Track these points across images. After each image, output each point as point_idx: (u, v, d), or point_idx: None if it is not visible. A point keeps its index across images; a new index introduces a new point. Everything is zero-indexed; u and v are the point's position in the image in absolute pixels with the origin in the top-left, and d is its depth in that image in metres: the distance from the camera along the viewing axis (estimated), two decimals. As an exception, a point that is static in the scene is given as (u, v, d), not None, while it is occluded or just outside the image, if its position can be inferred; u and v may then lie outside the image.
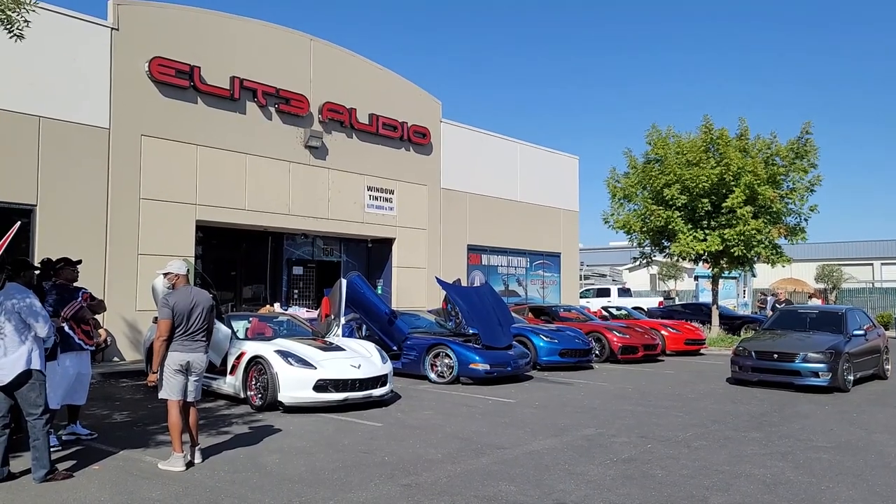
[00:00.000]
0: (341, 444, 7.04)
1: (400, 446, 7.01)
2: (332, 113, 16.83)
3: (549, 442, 7.36)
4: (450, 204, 20.15)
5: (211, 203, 14.66)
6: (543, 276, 23.74)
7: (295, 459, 6.39)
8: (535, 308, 17.54)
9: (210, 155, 14.65)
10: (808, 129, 18.58)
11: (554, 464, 6.43)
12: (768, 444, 7.46)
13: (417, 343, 11.90)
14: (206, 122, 14.57)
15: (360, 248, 19.29)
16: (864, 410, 9.73)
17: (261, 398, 8.68)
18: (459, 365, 11.30)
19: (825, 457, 6.90)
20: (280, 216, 15.94)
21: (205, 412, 8.70)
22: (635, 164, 20.22)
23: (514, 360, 11.72)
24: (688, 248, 18.70)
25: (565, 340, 13.71)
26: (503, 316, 12.42)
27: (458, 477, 5.92)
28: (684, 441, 7.49)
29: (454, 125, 20.52)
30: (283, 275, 17.53)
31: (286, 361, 8.62)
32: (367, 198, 17.86)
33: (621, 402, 10.02)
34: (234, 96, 14.89)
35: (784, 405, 10.01)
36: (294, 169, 16.19)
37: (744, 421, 8.74)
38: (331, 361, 8.87)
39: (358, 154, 17.57)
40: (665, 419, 8.76)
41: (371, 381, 9.00)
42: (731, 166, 17.86)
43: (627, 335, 15.27)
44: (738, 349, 12.06)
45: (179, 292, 6.12)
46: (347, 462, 6.34)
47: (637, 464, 6.47)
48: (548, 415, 8.95)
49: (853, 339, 11.86)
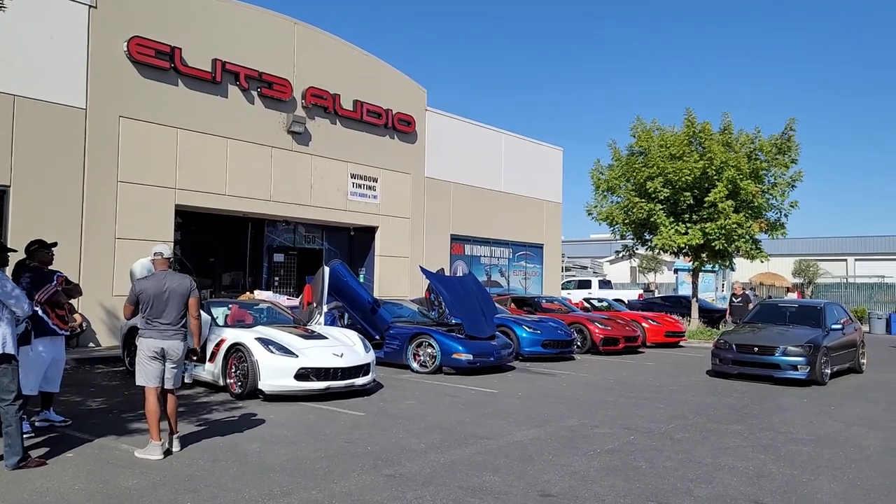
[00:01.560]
0: (323, 434, 6.94)
1: (383, 436, 6.93)
2: (316, 98, 16.60)
3: (533, 432, 7.33)
4: (434, 193, 20.03)
5: (191, 188, 14.39)
6: (526, 267, 23.75)
7: (276, 448, 6.29)
8: (518, 299, 17.52)
9: (190, 138, 14.37)
10: (791, 126, 18.70)
11: (538, 454, 6.40)
12: (750, 436, 7.50)
13: (400, 332, 11.81)
14: (187, 105, 14.28)
15: (342, 236, 19.11)
16: (842, 403, 9.84)
17: (241, 386, 8.55)
18: (442, 355, 11.23)
19: (805, 449, 6.95)
20: (261, 202, 15.72)
21: (183, 399, 8.53)
22: (619, 157, 20.23)
23: (496, 350, 11.69)
24: (669, 242, 18.77)
25: (548, 331, 13.70)
26: (487, 306, 12.37)
27: (442, 467, 5.86)
28: (667, 433, 7.51)
29: (439, 114, 20.37)
30: (264, 262, 17.31)
31: (267, 349, 8.49)
32: (350, 185, 17.67)
33: (603, 394, 10.04)
34: (215, 79, 14.60)
35: (764, 398, 10.09)
36: (276, 154, 15.96)
37: (725, 413, 8.79)
38: (313, 350, 8.76)
39: (341, 141, 17.36)
40: (647, 411, 8.77)
41: (353, 370, 8.90)
42: (714, 160, 17.93)
43: (609, 327, 15.31)
44: (719, 342, 12.13)
45: (152, 277, 5.97)
46: (330, 452, 6.25)
47: (621, 455, 6.46)
48: (531, 405, 8.93)
49: (831, 333, 11.98)
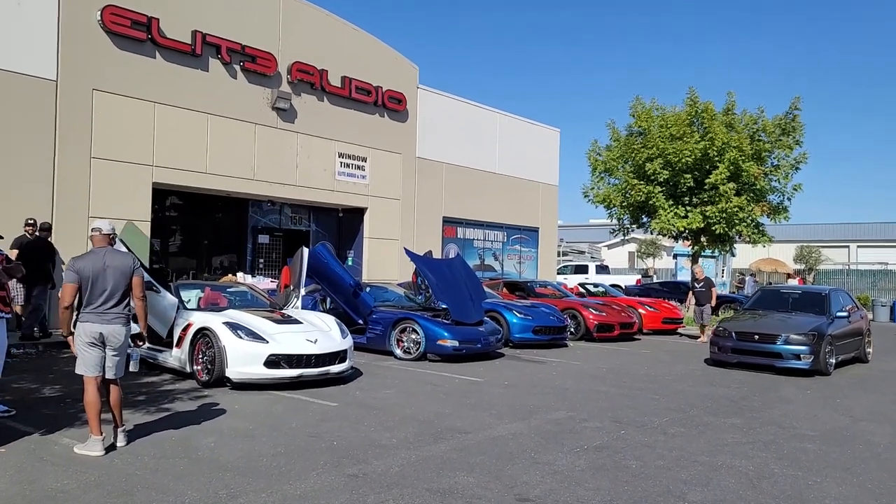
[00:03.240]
0: (288, 426, 6.42)
1: (352, 429, 6.40)
2: (302, 74, 15.94)
3: (516, 426, 6.80)
4: (425, 174, 19.41)
5: (169, 165, 13.78)
6: (521, 251, 23.18)
7: (232, 443, 5.76)
8: (510, 283, 16.98)
9: (169, 113, 13.74)
10: (796, 105, 18.06)
11: (519, 451, 5.87)
12: (750, 431, 6.97)
13: (383, 317, 11.28)
14: (165, 79, 13.63)
15: (330, 218, 18.52)
16: (848, 395, 9.32)
17: (207, 373, 8.02)
18: (427, 341, 10.71)
19: (811, 447, 6.43)
20: (244, 181, 15.11)
21: (146, 387, 8.04)
22: (618, 137, 19.62)
23: (484, 336, 11.16)
24: (668, 225, 18.21)
25: (539, 317, 13.17)
26: (475, 291, 11.82)
27: (412, 466, 5.34)
28: (660, 427, 6.98)
29: (432, 92, 19.70)
30: (248, 243, 16.73)
31: (235, 334, 7.95)
32: (337, 165, 17.05)
33: (595, 383, 9.52)
34: (195, 52, 13.93)
35: (765, 389, 9.57)
36: (260, 131, 15.32)
37: (723, 405, 8.27)
38: (285, 335, 8.22)
39: (329, 118, 16.72)
40: (640, 402, 8.25)
41: (328, 357, 8.36)
42: (715, 141, 17.32)
43: (604, 313, 14.79)
44: (718, 329, 11.60)
45: (90, 255, 5.40)
46: (291, 447, 5.72)
47: (609, 452, 5.93)
48: (516, 396, 8.40)
49: (836, 321, 11.45)
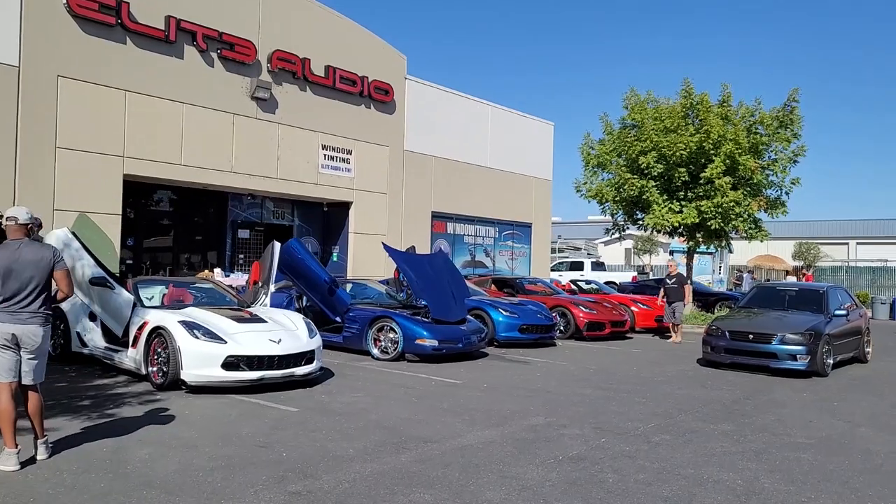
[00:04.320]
0: (238, 435, 5.89)
1: (308, 438, 5.88)
2: (283, 62, 15.39)
3: (488, 433, 6.29)
4: (413, 167, 18.87)
5: (141, 156, 13.24)
6: (513, 247, 22.66)
7: (170, 455, 5.24)
8: (499, 280, 16.46)
9: (141, 102, 13.19)
10: (794, 97, 17.48)
11: (486, 463, 5.36)
12: (740, 439, 6.47)
13: (360, 315, 10.76)
14: (137, 66, 13.07)
15: (315, 212, 17.99)
16: (846, 398, 8.81)
17: (162, 375, 7.50)
18: (405, 340, 10.19)
19: (805, 457, 5.92)
20: (222, 173, 14.57)
21: (95, 390, 7.53)
22: (611, 130, 19.06)
23: (466, 335, 10.64)
24: (662, 221, 17.67)
25: (526, 315, 12.66)
26: (457, 288, 11.30)
27: (365, 480, 4.82)
28: (644, 435, 6.47)
29: (420, 83, 19.14)
30: (227, 238, 16.20)
31: (191, 334, 7.43)
32: (321, 157, 16.50)
33: (580, 385, 9.00)
34: (169, 38, 13.38)
35: (758, 391, 9.06)
36: (238, 122, 14.78)
37: (714, 410, 7.76)
38: (246, 335, 7.69)
39: (312, 109, 16.17)
40: (626, 406, 7.74)
41: (293, 358, 7.84)
42: (711, 134, 16.77)
43: (594, 310, 14.28)
44: (711, 328, 11.09)
45: (3, 248, 4.86)
46: (235, 459, 5.20)
47: (585, 464, 5.42)
48: (494, 399, 7.89)
49: (834, 320, 10.95)
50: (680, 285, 14.63)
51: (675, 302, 14.54)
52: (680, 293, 14.57)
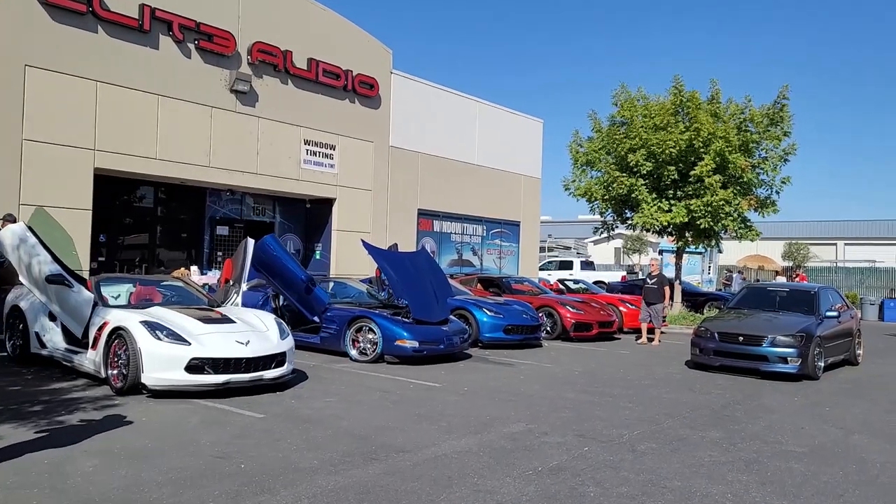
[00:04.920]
0: (196, 445, 5.51)
1: (271, 448, 5.50)
2: (264, 55, 14.95)
3: (465, 442, 5.93)
4: (399, 164, 18.47)
5: (114, 149, 12.77)
6: (501, 246, 22.31)
7: (117, 467, 4.85)
8: (485, 279, 16.09)
9: (114, 94, 12.73)
10: (784, 94, 17.22)
11: (460, 475, 5.00)
12: (730, 447, 6.14)
13: (338, 315, 10.38)
14: (109, 56, 12.61)
15: (297, 209, 17.56)
16: (838, 403, 8.52)
17: (122, 379, 7.09)
18: (384, 341, 9.82)
19: (797, 467, 5.60)
20: (199, 168, 14.12)
21: (50, 394, 7.10)
22: (600, 128, 18.76)
23: (448, 336, 10.28)
24: (651, 220, 17.38)
25: (511, 315, 12.31)
26: (440, 287, 10.94)
27: (327, 495, 4.45)
28: (629, 442, 6.13)
29: (406, 77, 18.74)
30: (205, 235, 15.74)
31: (153, 335, 7.02)
32: (303, 152, 16.08)
33: (564, 389, 8.66)
34: (143, 27, 12.92)
35: (749, 396, 8.75)
36: (217, 115, 14.33)
37: (702, 415, 7.44)
38: (211, 336, 7.30)
39: (294, 103, 15.74)
40: (611, 412, 7.41)
41: (262, 361, 7.46)
42: (701, 131, 16.49)
43: (582, 311, 13.95)
44: (700, 330, 10.78)
45: None
46: (188, 472, 4.82)
47: (566, 476, 5.08)
48: (474, 404, 7.54)
49: (825, 321, 10.67)
50: (660, 286, 13.98)
51: (655, 303, 13.89)
52: (658, 294, 13.87)
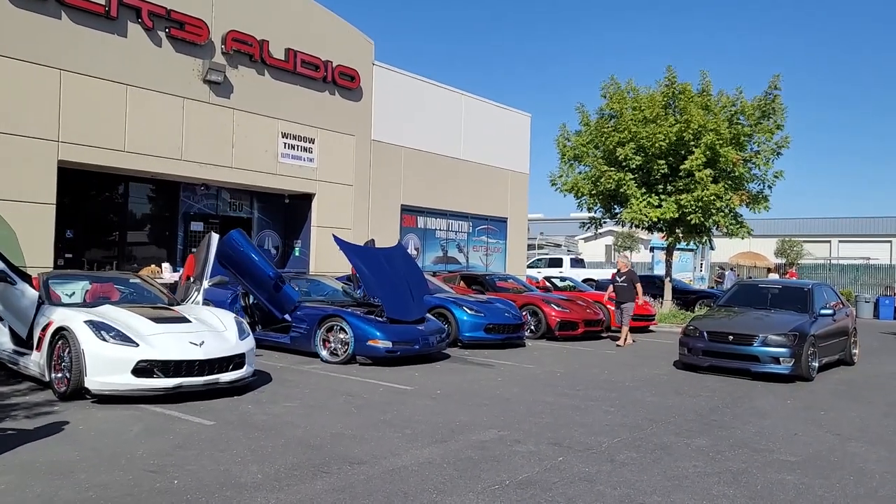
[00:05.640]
0: (130, 456, 5.00)
1: (212, 460, 5.00)
2: (239, 44, 14.41)
3: (428, 452, 5.45)
4: (382, 158, 17.96)
5: (79, 141, 12.22)
6: (487, 243, 21.82)
7: (34, 485, 4.34)
8: (468, 276, 15.61)
9: (78, 83, 12.17)
10: (776, 85, 16.78)
11: (418, 491, 4.52)
12: (717, 456, 5.68)
13: (308, 314, 9.88)
14: (73, 43, 12.05)
15: (276, 204, 17.03)
16: (833, 406, 8.07)
17: (66, 383, 6.57)
18: (356, 341, 9.33)
19: (790, 479, 5.15)
20: (171, 161, 13.57)
21: (-14, 400, 6.58)
22: (588, 121, 18.29)
23: (423, 336, 9.79)
24: (640, 215, 16.93)
25: (493, 314, 11.83)
26: (416, 284, 10.45)
27: (263, 518, 3.96)
28: (608, 452, 5.66)
29: (389, 69, 18.23)
30: (179, 231, 15.20)
31: (98, 335, 6.51)
32: (281, 146, 15.55)
33: (544, 391, 8.19)
34: (109, 14, 12.36)
35: (738, 398, 8.30)
36: (189, 106, 13.78)
37: (689, 420, 6.97)
38: (163, 337, 6.79)
39: (270, 94, 15.20)
40: (591, 416, 6.94)
41: (218, 363, 6.95)
42: (691, 124, 16.04)
43: (567, 309, 13.49)
44: (688, 329, 10.33)
45: None
46: (111, 489, 4.31)
47: (535, 491, 4.60)
48: (446, 408, 7.05)
49: (820, 320, 10.23)
50: (630, 284, 13.16)
51: (626, 302, 13.17)
52: (629, 293, 13.10)
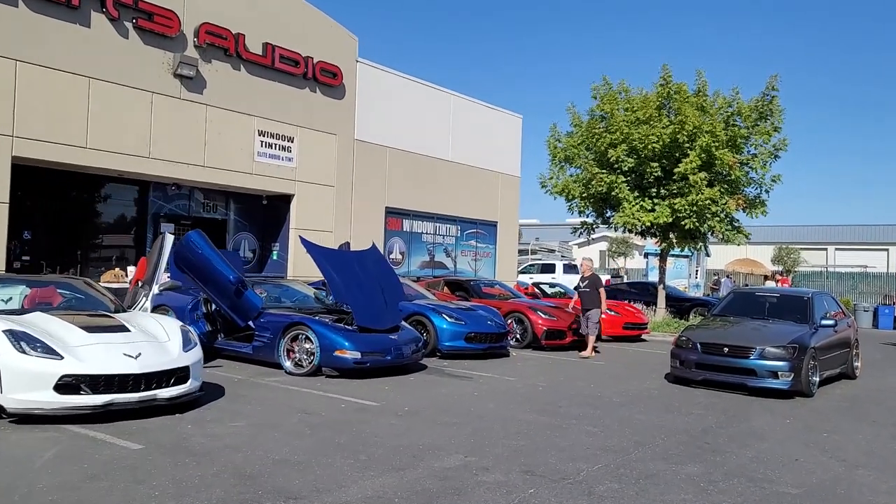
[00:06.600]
0: (27, 490, 4.30)
1: (124, 495, 4.30)
2: (213, 37, 13.75)
3: (381, 482, 4.76)
4: (365, 159, 17.29)
5: (37, 136, 11.53)
6: (476, 248, 21.15)
7: None
8: (452, 282, 14.93)
9: (36, 75, 11.49)
10: (773, 85, 16.17)
11: (358, 535, 3.83)
12: (709, 487, 5.00)
13: (272, 321, 9.18)
14: (31, 33, 11.37)
15: (253, 206, 16.33)
16: (837, 427, 7.40)
17: (-18, 399, 5.86)
18: (322, 351, 8.63)
19: (792, 517, 4.47)
20: (138, 159, 12.88)
21: None
22: (579, 122, 17.67)
23: (396, 346, 9.10)
24: (633, 219, 16.28)
25: (475, 322, 11.14)
26: (390, 290, 9.76)
27: (159, 573, 3.26)
28: (586, 482, 4.98)
29: (374, 67, 17.59)
30: (148, 232, 14.48)
31: (17, 346, 5.80)
32: (258, 144, 14.87)
33: (521, 409, 7.50)
34: (71, 3, 11.67)
35: (733, 417, 7.62)
36: (158, 102, 13.10)
37: (679, 443, 6.29)
38: (93, 348, 6.08)
39: (246, 90, 14.54)
40: (571, 438, 6.25)
41: (156, 377, 6.25)
42: (686, 125, 15.41)
43: (555, 317, 12.81)
44: (681, 339, 9.66)
45: None
46: (-12, 534, 3.62)
47: (496, 535, 3.91)
48: (411, 428, 6.36)
49: (820, 331, 9.57)
50: (594, 289, 12.21)
51: (590, 309, 12.16)
52: (593, 298, 12.16)
